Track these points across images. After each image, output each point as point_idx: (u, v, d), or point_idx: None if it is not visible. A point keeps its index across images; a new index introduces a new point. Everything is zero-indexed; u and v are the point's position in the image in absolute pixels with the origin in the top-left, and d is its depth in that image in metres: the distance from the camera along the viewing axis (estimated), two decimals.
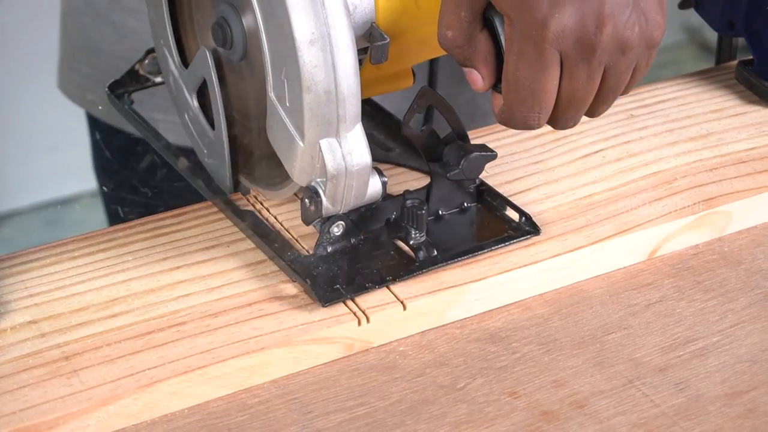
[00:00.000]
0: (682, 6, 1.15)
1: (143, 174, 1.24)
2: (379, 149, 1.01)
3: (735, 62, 1.17)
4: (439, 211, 0.94)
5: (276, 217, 0.95)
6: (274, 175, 0.92)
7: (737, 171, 1.01)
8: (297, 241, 0.93)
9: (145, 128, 1.03)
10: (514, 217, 0.94)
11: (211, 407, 0.82)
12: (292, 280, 0.89)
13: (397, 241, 0.91)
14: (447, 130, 0.92)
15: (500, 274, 0.90)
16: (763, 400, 0.82)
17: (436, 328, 0.88)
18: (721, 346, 0.87)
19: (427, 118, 1.05)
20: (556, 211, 0.96)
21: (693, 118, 1.09)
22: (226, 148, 0.94)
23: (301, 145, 0.84)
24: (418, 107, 0.89)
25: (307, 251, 0.91)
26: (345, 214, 0.89)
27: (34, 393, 0.80)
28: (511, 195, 0.97)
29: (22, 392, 0.80)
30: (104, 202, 1.37)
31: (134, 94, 1.06)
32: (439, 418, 0.81)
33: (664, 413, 0.81)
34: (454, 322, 0.89)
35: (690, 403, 0.82)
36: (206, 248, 0.93)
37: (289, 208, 0.96)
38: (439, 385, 0.83)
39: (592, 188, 0.99)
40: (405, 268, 0.89)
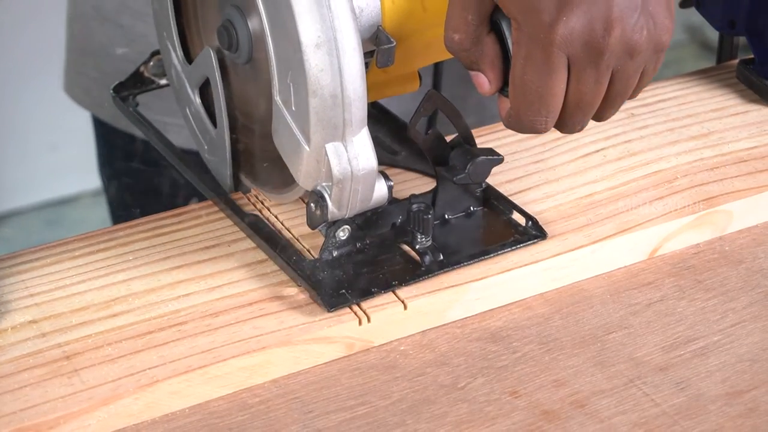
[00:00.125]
0: (684, 5, 1.15)
1: (148, 175, 1.24)
2: (385, 152, 1.01)
3: (736, 61, 1.17)
4: (445, 215, 0.93)
5: (277, 216, 0.95)
6: (279, 179, 0.91)
7: (738, 170, 1.01)
8: (297, 240, 0.93)
9: (149, 131, 1.02)
10: (521, 221, 0.93)
11: (212, 407, 0.82)
12: (297, 285, 0.88)
13: (403, 246, 0.90)
14: (452, 131, 0.91)
15: (501, 274, 0.90)
16: (764, 400, 0.82)
17: (437, 327, 0.88)
18: (721, 346, 0.87)
19: (430, 121, 1.04)
20: (557, 211, 0.96)
21: (694, 117, 1.09)
22: (228, 149, 0.94)
23: (306, 149, 0.84)
24: (425, 111, 0.89)
25: (310, 253, 0.91)
26: (351, 218, 0.88)
27: (35, 392, 0.80)
28: (511, 194, 0.97)
29: (22, 392, 0.80)
30: (109, 204, 1.37)
31: (143, 98, 1.05)
32: (439, 418, 0.81)
33: (665, 412, 0.81)
34: (455, 322, 0.89)
35: (691, 403, 0.82)
36: (207, 248, 0.93)
37: (288, 207, 0.96)
38: (439, 385, 0.83)
39: (593, 187, 0.99)
40: (411, 273, 0.88)
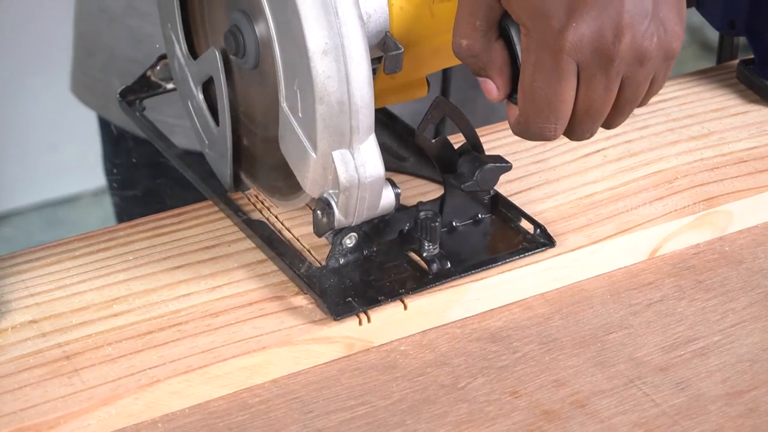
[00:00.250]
0: None
1: (154, 176, 1.24)
2: (393, 158, 1.00)
3: (736, 61, 1.17)
4: (453, 223, 0.93)
5: (277, 217, 0.95)
6: (285, 185, 0.90)
7: (738, 170, 1.01)
8: (297, 240, 0.93)
9: (156, 136, 1.02)
10: (529, 228, 0.92)
11: (212, 407, 0.82)
12: (303, 292, 0.88)
13: (410, 253, 0.90)
14: (455, 131, 0.91)
15: (501, 274, 0.90)
16: (764, 400, 0.82)
17: (437, 327, 0.88)
18: (722, 346, 0.87)
19: (438, 126, 1.04)
20: (557, 211, 0.96)
21: (694, 117, 1.09)
22: (229, 150, 0.93)
23: (313, 156, 0.83)
24: (433, 117, 0.88)
25: (317, 259, 0.90)
26: (357, 226, 0.87)
27: (35, 392, 0.80)
28: (512, 194, 0.97)
29: (22, 392, 0.80)
30: (114, 205, 1.37)
31: (150, 99, 1.04)
32: (440, 418, 0.81)
33: (665, 413, 0.81)
34: (455, 322, 0.89)
35: (691, 403, 0.82)
36: (207, 248, 0.93)
37: (292, 210, 0.96)
38: (440, 385, 0.83)
39: (593, 187, 0.99)
40: (418, 281, 0.88)
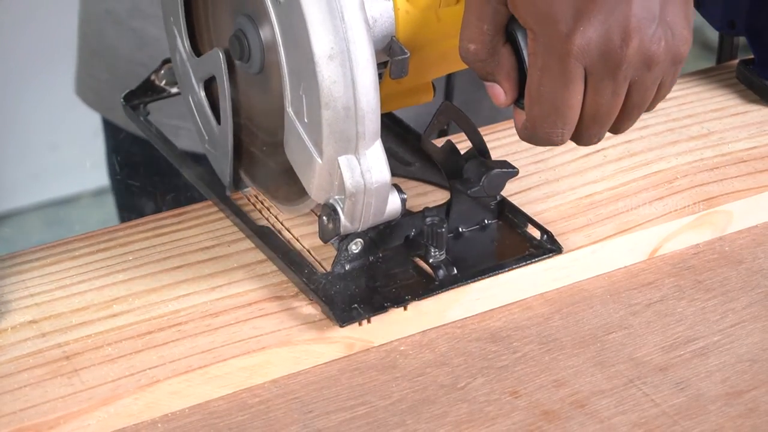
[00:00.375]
0: None
1: (158, 178, 1.24)
2: (398, 163, 0.99)
3: (736, 61, 1.17)
4: (459, 228, 0.92)
5: (277, 217, 0.95)
6: (290, 191, 0.90)
7: (738, 170, 1.01)
8: (297, 240, 0.93)
9: (160, 140, 1.01)
10: (536, 234, 0.92)
11: (212, 407, 0.82)
12: (309, 299, 0.87)
13: (416, 259, 0.89)
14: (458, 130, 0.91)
15: (501, 275, 0.90)
16: (764, 400, 0.82)
17: (437, 327, 0.88)
18: (721, 346, 0.87)
19: (441, 132, 1.03)
20: (557, 211, 0.96)
21: (694, 117, 1.09)
22: (230, 150, 0.93)
23: (319, 161, 0.82)
24: (439, 123, 0.88)
25: (317, 259, 0.90)
26: (363, 232, 0.87)
27: (35, 392, 0.80)
28: (512, 194, 0.97)
29: (22, 392, 0.80)
30: (117, 207, 1.37)
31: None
32: (439, 418, 0.81)
33: (665, 413, 0.81)
34: (455, 322, 0.89)
35: (690, 403, 0.82)
36: (207, 248, 0.93)
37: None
38: (439, 385, 0.83)
39: (593, 187, 0.99)
40: (424, 287, 0.87)
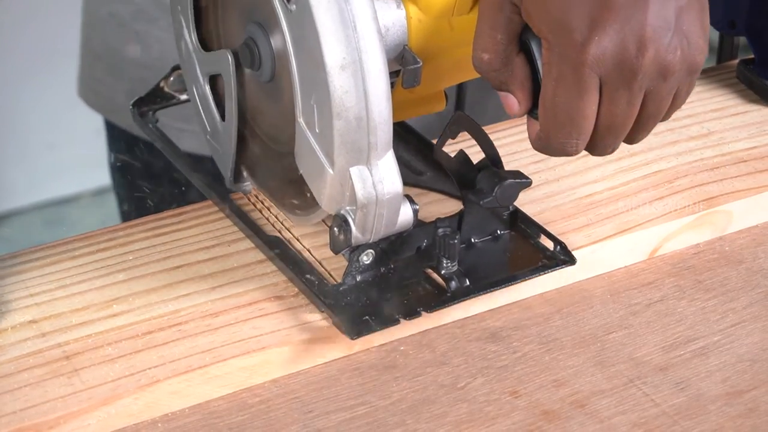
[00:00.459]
0: None
1: (161, 180, 1.24)
2: (410, 172, 0.98)
3: (736, 61, 1.17)
4: (472, 239, 0.91)
5: (277, 217, 0.95)
6: (300, 201, 0.89)
7: (738, 170, 1.01)
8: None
9: (168, 147, 1.00)
10: (549, 245, 0.91)
11: (212, 407, 0.82)
12: (320, 311, 0.86)
13: (428, 270, 0.88)
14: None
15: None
16: (764, 400, 0.82)
17: (437, 327, 0.88)
18: (721, 346, 0.87)
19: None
20: (557, 211, 0.96)
21: (694, 117, 1.09)
22: (233, 150, 0.92)
23: (330, 172, 0.81)
24: (451, 132, 0.87)
25: (331, 275, 0.89)
26: (375, 243, 0.86)
27: (35, 392, 0.80)
28: None
29: (22, 392, 0.80)
30: (119, 208, 1.37)
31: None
32: (439, 418, 0.81)
33: (665, 412, 0.81)
34: (455, 322, 0.89)
35: (691, 403, 0.82)
36: (207, 248, 0.93)
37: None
38: (439, 385, 0.83)
39: (593, 187, 0.99)
40: (436, 299, 0.86)
